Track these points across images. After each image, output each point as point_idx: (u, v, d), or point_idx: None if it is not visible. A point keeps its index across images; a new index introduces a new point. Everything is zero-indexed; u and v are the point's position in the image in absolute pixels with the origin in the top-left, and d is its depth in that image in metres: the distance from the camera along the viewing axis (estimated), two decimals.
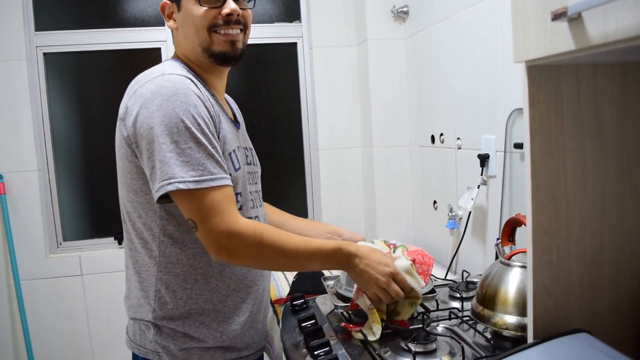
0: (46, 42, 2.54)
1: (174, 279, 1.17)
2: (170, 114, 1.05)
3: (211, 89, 1.24)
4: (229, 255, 1.09)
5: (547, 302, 0.86)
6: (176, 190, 1.05)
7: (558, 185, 0.85)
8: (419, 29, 2.33)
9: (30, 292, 2.54)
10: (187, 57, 1.24)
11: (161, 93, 1.07)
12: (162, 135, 1.04)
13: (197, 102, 1.09)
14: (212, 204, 1.06)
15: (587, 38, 0.65)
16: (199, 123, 1.07)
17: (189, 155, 1.05)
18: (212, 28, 1.19)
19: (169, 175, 1.04)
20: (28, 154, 2.50)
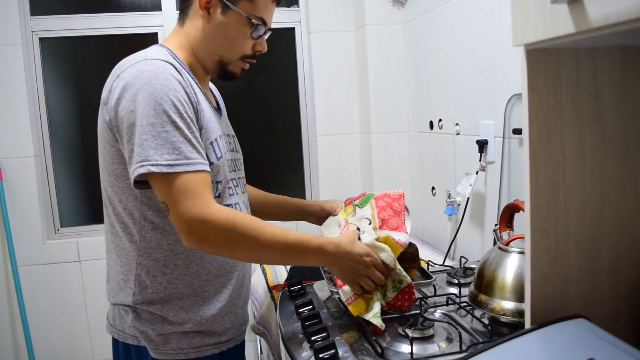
0: (42, 27, 2.52)
1: (154, 264, 1.17)
2: (149, 98, 1.04)
3: (196, 77, 1.23)
4: (200, 241, 1.06)
5: (544, 288, 0.86)
6: (150, 174, 1.04)
7: (556, 171, 0.84)
8: (418, 13, 2.31)
9: (27, 279, 2.54)
10: (197, 52, 1.23)
11: (142, 77, 1.06)
12: (140, 118, 1.04)
13: (176, 87, 1.08)
14: (185, 187, 1.04)
15: (587, 20, 0.63)
16: (178, 107, 1.06)
17: (165, 138, 1.03)
18: (242, 56, 1.25)
19: (143, 158, 1.03)
20: (25, 140, 2.48)
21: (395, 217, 1.32)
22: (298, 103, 2.81)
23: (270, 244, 1.10)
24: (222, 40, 1.21)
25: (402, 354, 1.10)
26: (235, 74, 1.27)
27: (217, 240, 1.07)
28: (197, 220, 1.04)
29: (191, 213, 1.04)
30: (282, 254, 1.13)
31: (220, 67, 1.25)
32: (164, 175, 1.04)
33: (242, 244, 1.08)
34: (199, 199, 1.05)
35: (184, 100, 1.08)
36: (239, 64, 1.26)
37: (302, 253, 1.15)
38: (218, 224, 1.05)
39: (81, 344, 2.65)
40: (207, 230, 1.05)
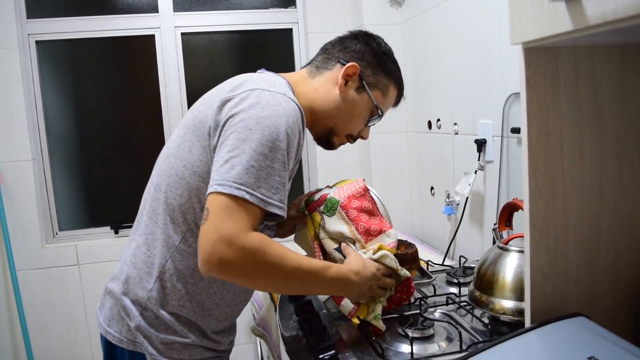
0: (38, 30, 2.51)
1: (184, 268, 1.14)
2: (274, 129, 1.02)
3: None
4: (219, 264, 0.97)
5: (544, 287, 0.86)
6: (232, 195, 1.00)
7: (555, 169, 0.84)
8: (416, 14, 2.31)
9: (26, 283, 2.53)
10: (314, 105, 1.24)
11: (275, 107, 1.05)
12: (255, 142, 1.01)
13: (297, 135, 1.07)
14: (239, 212, 0.99)
15: (585, 18, 0.63)
16: (290, 151, 1.05)
17: (269, 174, 1.01)
18: (348, 135, 1.29)
19: (241, 182, 0.99)
20: (22, 143, 2.47)
21: (372, 218, 1.25)
22: None
23: (295, 274, 1.04)
24: (345, 114, 1.24)
25: (403, 354, 1.10)
26: (334, 145, 1.32)
27: (237, 268, 0.99)
28: (224, 240, 0.97)
29: (222, 230, 0.97)
30: (304, 284, 1.09)
31: (327, 134, 1.28)
32: (239, 200, 0.99)
33: (266, 274, 1.02)
34: (240, 224, 0.98)
35: (295, 148, 1.08)
36: (342, 140, 1.30)
37: (325, 283, 1.10)
38: (246, 250, 0.98)
39: (80, 348, 2.64)
40: (231, 254, 0.97)
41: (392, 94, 1.30)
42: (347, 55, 1.25)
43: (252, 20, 2.69)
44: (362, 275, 1.13)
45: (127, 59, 2.69)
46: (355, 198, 1.26)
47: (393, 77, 1.29)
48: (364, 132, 1.32)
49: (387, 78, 1.27)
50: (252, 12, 2.69)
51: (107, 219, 2.69)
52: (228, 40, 2.71)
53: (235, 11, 2.69)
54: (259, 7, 2.72)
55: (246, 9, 2.69)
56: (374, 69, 1.25)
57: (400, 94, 1.34)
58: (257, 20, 2.70)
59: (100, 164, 2.68)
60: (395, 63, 1.31)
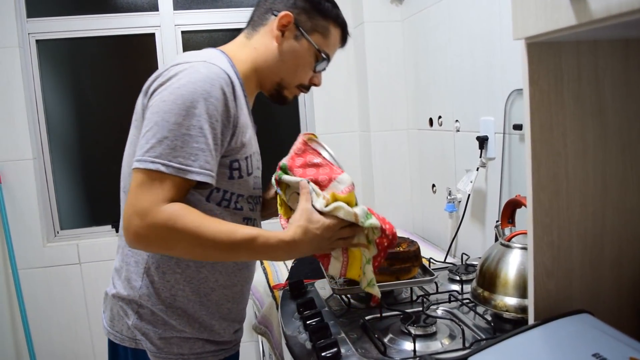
0: (38, 29, 2.51)
1: (167, 260, 1.14)
2: (187, 96, 1.01)
3: (248, 94, 1.22)
4: (137, 239, 1.00)
5: (548, 284, 0.85)
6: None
7: (559, 165, 0.84)
8: (416, 10, 2.30)
9: (28, 281, 2.53)
10: (259, 67, 1.23)
11: (192, 74, 1.04)
12: (169, 112, 1.01)
13: (219, 98, 1.04)
14: (155, 185, 0.99)
15: (589, 12, 0.63)
16: (210, 116, 1.03)
17: (185, 142, 1.00)
18: (300, 85, 1.27)
19: (156, 154, 0.99)
20: (23, 142, 2.47)
21: (320, 169, 1.19)
22: (297, 102, 2.80)
23: (213, 244, 1.02)
24: (289, 65, 1.23)
25: (405, 351, 1.10)
26: (287, 99, 1.29)
27: (154, 242, 1.01)
28: (138, 214, 0.98)
29: (137, 205, 0.99)
30: (229, 252, 1.06)
31: (276, 90, 1.27)
32: (155, 173, 1.00)
33: (181, 243, 1.01)
34: (151, 196, 0.99)
35: (220, 114, 1.05)
36: (294, 91, 1.28)
37: (251, 250, 1.06)
38: (156, 225, 0.98)
39: (82, 346, 2.64)
40: (144, 230, 0.98)
41: (334, 35, 1.26)
42: (278, 5, 1.22)
43: None
44: (307, 235, 1.06)
45: (128, 57, 2.68)
46: (299, 155, 1.21)
47: (331, 17, 1.24)
48: (315, 79, 1.29)
49: (324, 19, 1.23)
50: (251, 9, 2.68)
51: (108, 218, 2.68)
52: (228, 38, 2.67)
53: (235, 9, 2.68)
54: None
55: (246, 6, 2.69)
56: (308, 13, 1.22)
57: (344, 33, 1.30)
58: None
59: (101, 163, 2.67)
60: (331, 1, 1.25)
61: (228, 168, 1.12)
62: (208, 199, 1.12)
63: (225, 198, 1.14)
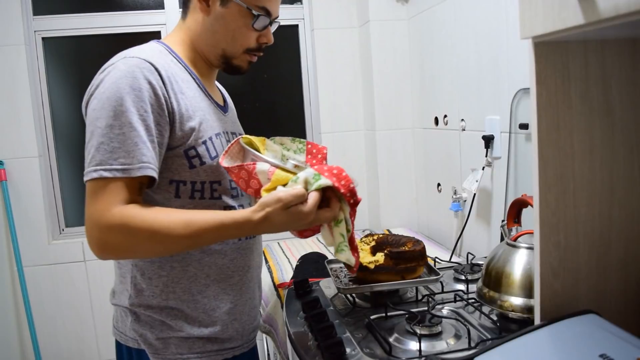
0: (45, 27, 2.52)
1: (149, 266, 1.13)
2: (112, 98, 1.01)
3: (200, 76, 1.20)
4: (101, 248, 1.00)
5: (554, 284, 0.85)
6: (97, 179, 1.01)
7: (565, 164, 0.83)
8: (422, 9, 2.30)
9: (33, 279, 2.54)
10: (199, 46, 1.19)
11: (113, 76, 1.03)
12: (99, 119, 1.01)
13: (143, 87, 1.02)
14: (102, 193, 1.00)
15: (597, 11, 0.62)
16: (138, 109, 1.01)
17: (122, 141, 0.99)
18: (247, 50, 1.19)
19: (97, 162, 1.01)
20: (28, 140, 2.48)
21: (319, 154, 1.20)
22: (302, 100, 2.80)
23: (171, 239, 1.00)
24: (223, 33, 1.16)
25: (410, 350, 1.10)
26: (241, 68, 1.22)
27: (117, 247, 1.01)
28: (93, 225, 0.99)
29: (90, 218, 1.00)
30: (190, 240, 1.02)
31: (224, 62, 1.20)
32: (100, 181, 1.01)
33: (143, 245, 1.01)
34: (101, 204, 0.99)
35: (149, 104, 1.03)
36: (244, 58, 1.21)
37: (214, 235, 1.03)
38: (113, 228, 0.98)
39: (87, 344, 2.65)
40: (103, 238, 0.99)
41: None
42: None
43: None
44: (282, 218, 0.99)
45: None
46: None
47: None
48: (263, 38, 1.21)
49: None
50: None
51: None
52: None
53: None
54: None
55: None
56: None
57: None
58: None
59: None
60: None
61: (185, 158, 1.09)
62: (177, 195, 1.10)
63: (196, 189, 1.11)
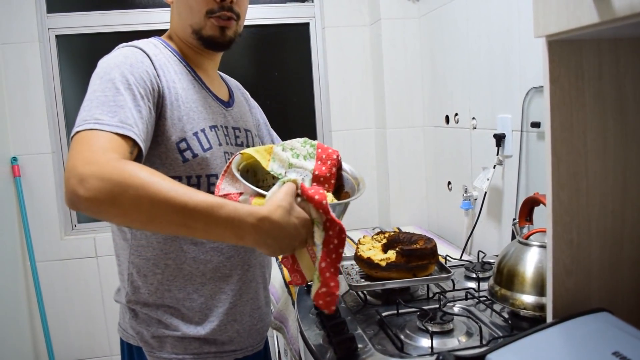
0: (58, 24, 2.54)
1: (144, 263, 1.13)
2: (102, 72, 1.02)
3: (195, 68, 1.20)
4: (77, 186, 0.83)
5: (566, 282, 0.85)
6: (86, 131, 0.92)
7: (579, 163, 0.83)
8: (433, 7, 2.29)
9: (46, 274, 2.57)
10: (177, 34, 1.21)
11: (107, 60, 1.05)
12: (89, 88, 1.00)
13: (134, 64, 1.03)
14: (93, 139, 0.89)
15: (612, 10, 0.63)
16: (127, 78, 1.00)
17: (103, 101, 0.96)
18: (208, 13, 1.14)
19: (79, 121, 0.93)
20: (42, 136, 2.51)
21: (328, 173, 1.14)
22: (313, 98, 2.80)
23: (164, 200, 0.84)
24: (183, 9, 1.16)
25: (422, 347, 1.10)
26: (214, 37, 1.15)
27: (97, 189, 0.82)
28: (82, 162, 0.85)
29: (79, 155, 0.86)
30: (182, 216, 0.85)
31: (197, 38, 1.16)
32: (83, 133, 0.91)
33: (126, 194, 0.83)
34: (94, 145, 0.88)
35: (137, 77, 1.02)
36: (209, 23, 1.14)
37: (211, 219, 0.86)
38: (104, 165, 0.84)
39: (98, 339, 2.68)
40: (87, 174, 0.83)
41: None
42: None
43: (269, 14, 2.69)
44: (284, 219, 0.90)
45: None
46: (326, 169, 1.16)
47: None
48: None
49: None
50: (269, 6, 2.70)
51: None
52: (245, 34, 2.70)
53: (252, 5, 2.68)
54: (276, 1, 2.72)
55: (263, 3, 2.69)
56: None
57: None
58: (274, 14, 2.70)
59: None
60: None
61: (178, 152, 1.08)
62: None
63: (191, 184, 1.09)
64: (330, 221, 0.92)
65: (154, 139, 1.06)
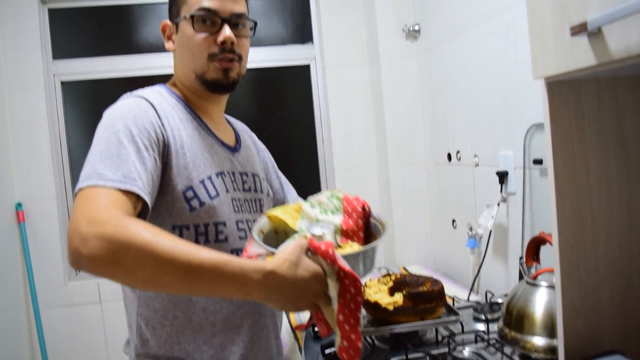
0: (63, 70, 2.58)
1: (153, 315, 1.10)
2: (106, 125, 1.02)
3: (201, 114, 1.20)
4: (80, 247, 0.83)
5: (577, 323, 0.84)
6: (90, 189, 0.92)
7: (583, 200, 0.83)
8: (431, 46, 2.33)
9: (49, 320, 2.54)
10: (181, 81, 1.21)
11: (111, 110, 1.07)
12: (93, 144, 1.00)
13: (138, 115, 1.04)
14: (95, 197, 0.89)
15: (609, 53, 0.63)
16: (131, 130, 1.00)
17: (106, 156, 0.96)
18: (210, 56, 1.14)
19: (83, 177, 0.94)
20: (46, 181, 2.52)
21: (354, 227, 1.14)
22: (315, 138, 2.82)
23: (169, 259, 0.84)
24: (186, 54, 1.17)
25: None
26: (217, 80, 1.15)
27: (100, 250, 0.83)
28: (85, 221, 0.85)
29: (82, 214, 0.86)
30: (186, 275, 0.85)
31: (201, 82, 1.16)
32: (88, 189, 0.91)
33: (129, 254, 0.83)
34: (96, 203, 0.88)
35: (142, 128, 1.02)
36: (212, 66, 1.14)
37: (216, 277, 0.86)
38: (107, 225, 0.84)
39: None
40: (90, 234, 0.83)
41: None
42: None
43: (270, 57, 2.73)
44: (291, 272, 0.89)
45: None
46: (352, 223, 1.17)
47: None
48: (219, 37, 1.13)
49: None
50: (270, 48, 2.74)
51: None
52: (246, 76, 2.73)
53: (254, 48, 2.72)
54: (277, 43, 2.76)
55: (264, 45, 2.74)
56: (173, 6, 1.19)
57: None
58: (275, 57, 2.74)
59: None
60: None
61: (184, 201, 1.06)
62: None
63: (199, 232, 1.08)
64: (343, 271, 0.90)
65: (160, 188, 1.05)
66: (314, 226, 1.07)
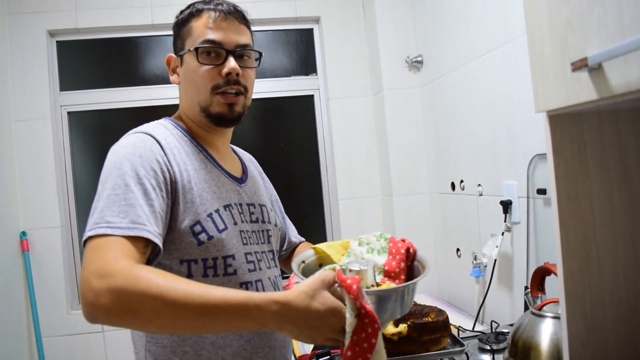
0: (70, 102, 2.61)
1: (161, 351, 1.09)
2: (112, 165, 1.03)
3: (207, 146, 1.20)
4: (92, 304, 0.85)
5: (583, 355, 0.83)
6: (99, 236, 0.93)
7: (587, 232, 0.83)
8: (434, 77, 2.36)
9: (52, 350, 2.52)
10: (187, 113, 1.21)
11: (117, 147, 1.07)
12: (99, 186, 1.01)
13: (144, 155, 1.04)
14: (103, 248, 0.90)
15: (609, 88, 0.64)
16: (138, 173, 1.01)
17: (114, 201, 0.96)
18: (214, 89, 1.14)
19: (92, 225, 0.94)
20: (51, 210, 2.53)
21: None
22: (319, 168, 2.84)
23: (184, 305, 0.85)
24: (191, 87, 1.17)
25: None
26: (222, 114, 1.16)
27: (114, 303, 0.84)
28: (95, 275, 0.86)
29: (92, 268, 0.87)
30: (202, 317, 0.86)
31: (206, 116, 1.17)
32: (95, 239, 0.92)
33: (144, 305, 0.84)
34: (106, 255, 0.89)
35: (149, 166, 1.03)
36: (216, 100, 1.15)
37: (230, 315, 0.87)
38: (118, 278, 0.85)
39: None
40: (102, 289, 0.84)
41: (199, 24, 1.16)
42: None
43: (274, 88, 2.77)
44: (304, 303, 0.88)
45: None
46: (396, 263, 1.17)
47: (189, 18, 1.18)
48: (223, 69, 1.14)
49: (186, 25, 1.18)
50: (275, 80, 2.77)
51: None
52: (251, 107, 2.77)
53: (259, 80, 2.76)
54: (281, 75, 2.80)
55: (268, 77, 2.77)
56: (178, 36, 1.20)
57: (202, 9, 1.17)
58: (279, 87, 2.78)
59: None
60: (187, 7, 1.19)
61: (192, 235, 1.06)
62: (189, 275, 1.06)
63: (208, 266, 1.08)
64: (364, 308, 0.89)
65: (168, 224, 1.05)
66: (354, 262, 1.06)
